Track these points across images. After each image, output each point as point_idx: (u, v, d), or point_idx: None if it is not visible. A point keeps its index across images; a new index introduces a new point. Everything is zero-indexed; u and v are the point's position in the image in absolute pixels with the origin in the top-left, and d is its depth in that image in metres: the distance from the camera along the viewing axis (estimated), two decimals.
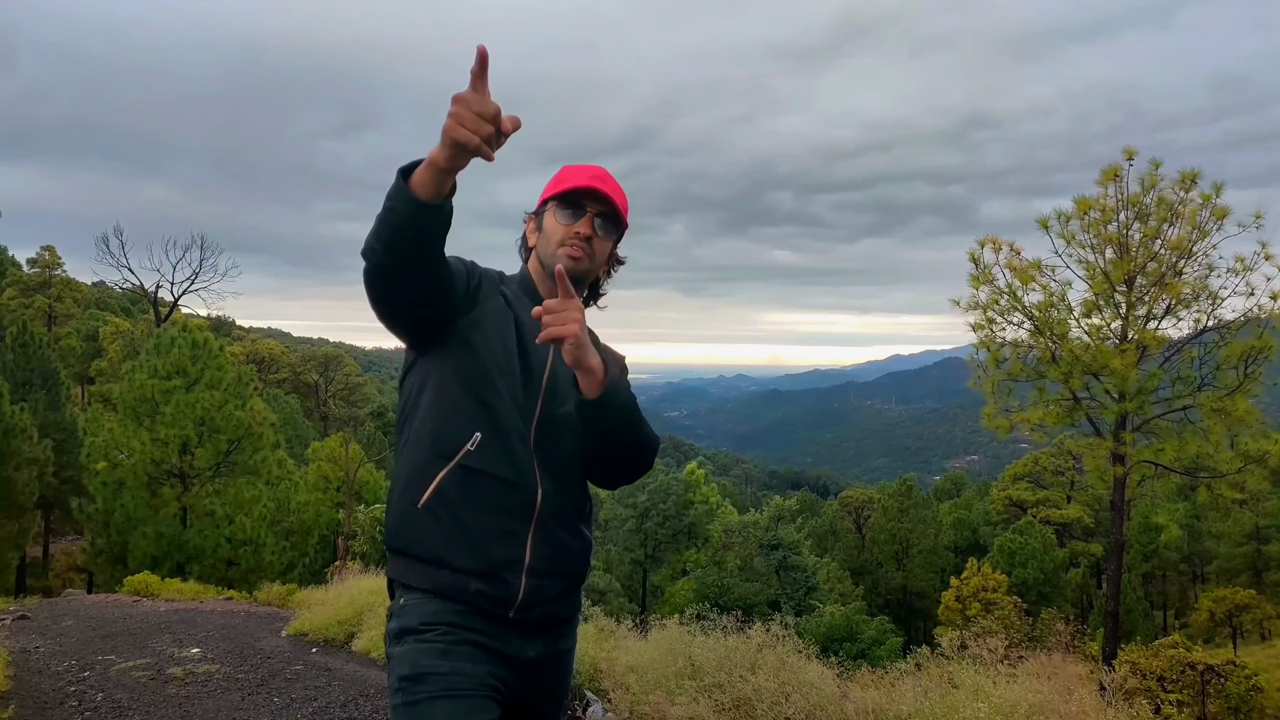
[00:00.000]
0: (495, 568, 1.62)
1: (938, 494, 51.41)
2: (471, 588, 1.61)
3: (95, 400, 35.91)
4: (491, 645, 1.62)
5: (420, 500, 1.63)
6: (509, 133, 1.35)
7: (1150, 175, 11.77)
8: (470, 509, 1.63)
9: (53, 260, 44.55)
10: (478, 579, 1.61)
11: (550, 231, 1.79)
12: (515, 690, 1.66)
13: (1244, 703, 14.20)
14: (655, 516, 34.58)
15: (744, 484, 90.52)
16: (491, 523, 1.63)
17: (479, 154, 1.34)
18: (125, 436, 16.90)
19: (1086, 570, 36.10)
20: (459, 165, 1.38)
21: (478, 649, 1.60)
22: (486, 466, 1.63)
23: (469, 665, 1.57)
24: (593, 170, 1.80)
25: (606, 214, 1.79)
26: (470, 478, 1.63)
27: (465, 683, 1.55)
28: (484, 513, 1.63)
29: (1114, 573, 12.40)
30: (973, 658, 3.97)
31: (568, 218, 1.77)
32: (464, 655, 1.57)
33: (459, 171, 1.40)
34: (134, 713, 4.55)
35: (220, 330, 53.97)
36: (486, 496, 1.63)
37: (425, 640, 1.58)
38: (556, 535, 1.70)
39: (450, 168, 1.38)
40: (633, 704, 4.23)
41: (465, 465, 1.63)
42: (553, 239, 1.78)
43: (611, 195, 1.78)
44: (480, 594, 1.61)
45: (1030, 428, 12.47)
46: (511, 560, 1.64)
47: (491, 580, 1.62)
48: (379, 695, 4.90)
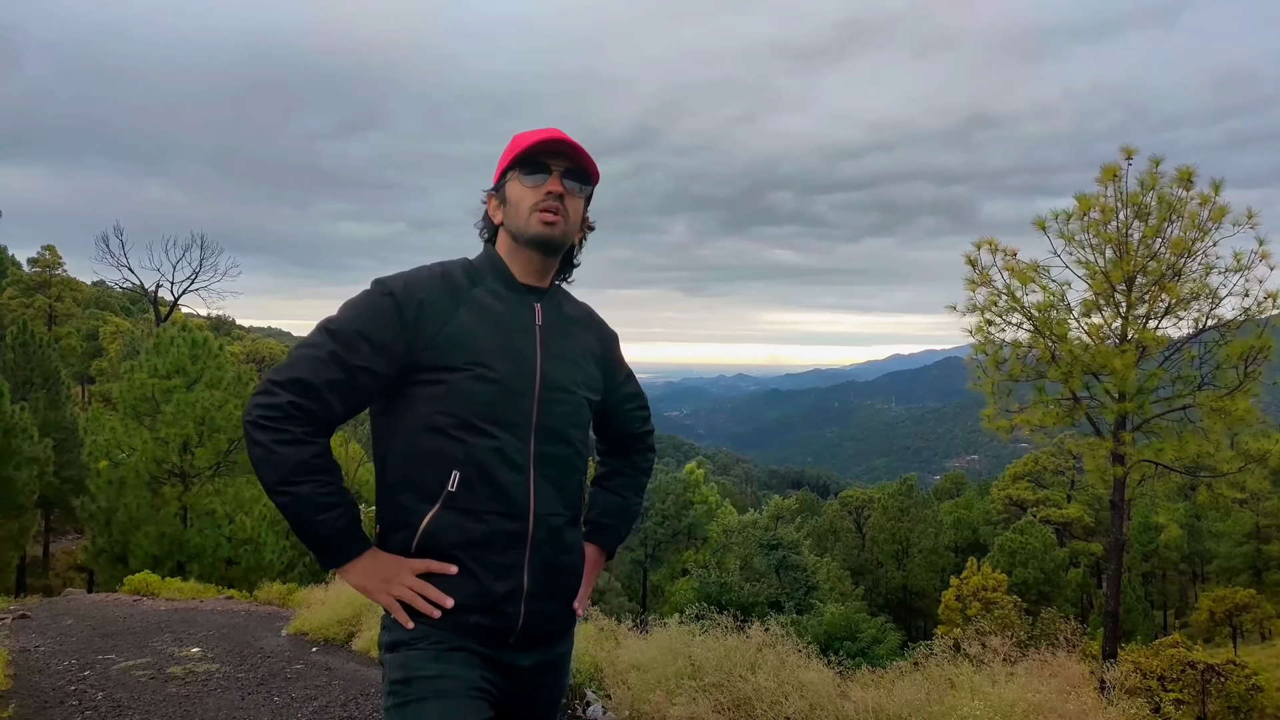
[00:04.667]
0: (495, 603, 1.60)
1: (938, 493, 51.36)
2: (471, 621, 1.59)
3: (96, 399, 35.93)
4: (484, 653, 1.61)
5: (411, 544, 1.60)
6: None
7: (1150, 174, 11.76)
8: (462, 549, 1.58)
9: (53, 260, 44.58)
10: (478, 614, 1.59)
11: (518, 199, 1.67)
12: (509, 694, 1.65)
13: (1244, 702, 14.20)
14: (654, 516, 34.61)
15: (744, 483, 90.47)
16: (486, 558, 1.59)
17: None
18: (126, 435, 16.91)
19: (1086, 570, 36.11)
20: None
21: (470, 654, 1.59)
22: (471, 504, 1.58)
23: (460, 669, 1.57)
24: (548, 129, 1.68)
25: (573, 169, 1.69)
26: (458, 517, 1.58)
27: (455, 685, 1.54)
28: (477, 550, 1.59)
29: (1114, 572, 12.40)
30: (973, 657, 3.97)
31: (534, 180, 1.66)
32: (455, 660, 1.57)
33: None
34: (134, 712, 4.55)
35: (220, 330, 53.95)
36: (477, 533, 1.59)
37: (416, 648, 1.57)
38: (553, 557, 1.66)
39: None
40: (633, 703, 4.23)
41: (450, 506, 1.58)
42: (522, 206, 1.67)
43: (575, 146, 1.67)
44: (480, 626, 1.60)
45: (1030, 428, 12.47)
46: (511, 592, 1.61)
47: (491, 614, 1.60)
48: (379, 695, 4.88)
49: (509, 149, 1.71)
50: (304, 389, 1.54)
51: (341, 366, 1.56)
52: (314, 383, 1.54)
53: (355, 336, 1.57)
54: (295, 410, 1.53)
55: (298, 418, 1.53)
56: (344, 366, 1.56)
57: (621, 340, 1.95)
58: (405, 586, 1.58)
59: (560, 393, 1.68)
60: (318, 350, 1.57)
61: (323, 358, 1.56)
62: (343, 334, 1.57)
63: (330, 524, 1.55)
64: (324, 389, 1.55)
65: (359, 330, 1.57)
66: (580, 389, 1.74)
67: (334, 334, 1.58)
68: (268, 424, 1.52)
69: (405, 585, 1.58)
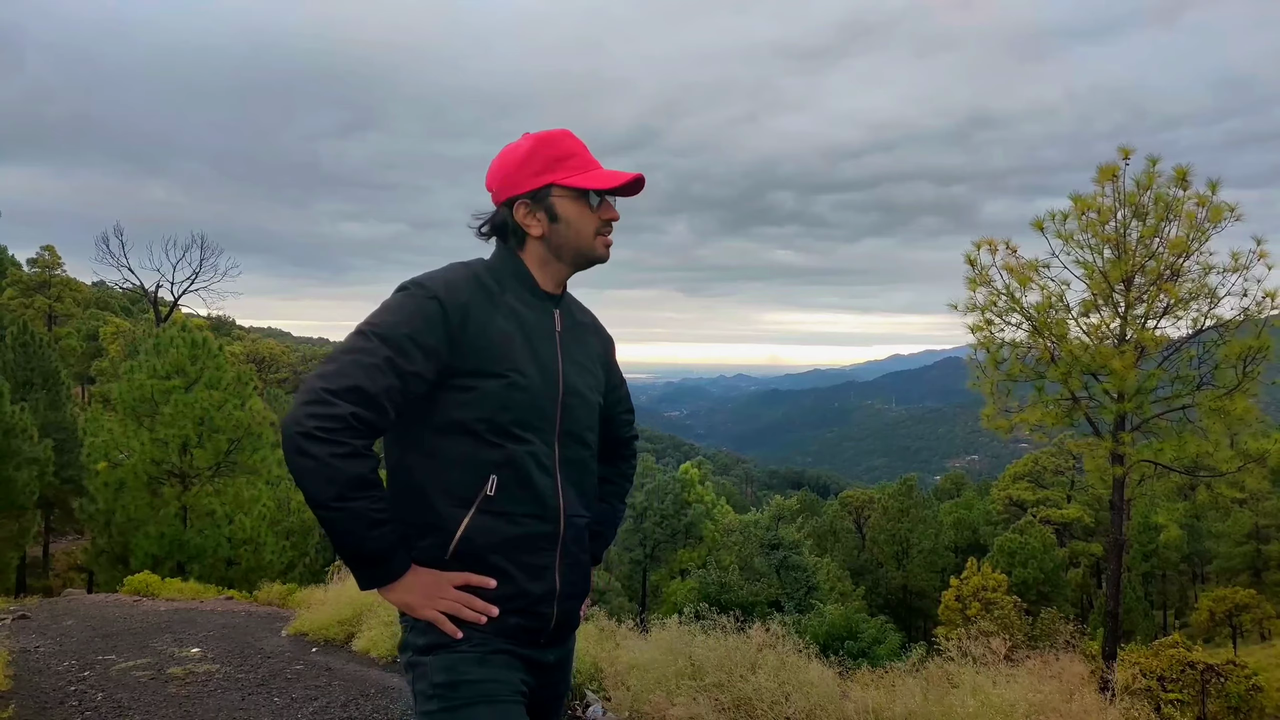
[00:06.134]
0: (532, 604, 1.63)
1: (938, 494, 51.39)
2: (512, 623, 1.62)
3: (96, 400, 35.91)
4: (522, 653, 1.64)
5: (447, 551, 1.59)
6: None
7: (1147, 174, 11.76)
8: (499, 552, 1.60)
9: (53, 260, 44.58)
10: (517, 615, 1.62)
11: (583, 221, 1.67)
12: (534, 691, 1.69)
13: (1244, 702, 14.21)
14: (653, 516, 34.63)
15: (744, 484, 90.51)
16: (524, 560, 1.62)
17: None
18: (125, 436, 16.91)
19: (1086, 570, 36.13)
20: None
21: (510, 656, 1.62)
22: (508, 507, 1.59)
23: (504, 672, 1.59)
24: (631, 174, 1.69)
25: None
26: (494, 520, 1.59)
27: (502, 689, 1.57)
28: (514, 552, 1.61)
29: (1114, 572, 12.40)
30: (973, 657, 3.97)
31: (602, 206, 1.69)
32: (498, 663, 1.59)
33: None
34: (134, 712, 4.55)
35: (220, 330, 53.98)
36: (513, 536, 1.60)
37: (458, 650, 1.58)
38: (577, 557, 1.72)
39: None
40: (633, 703, 4.23)
41: (486, 510, 1.58)
42: (588, 229, 1.67)
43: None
44: (520, 627, 1.63)
45: (1030, 428, 12.47)
46: (547, 593, 1.65)
47: (530, 615, 1.64)
48: (379, 695, 4.90)
49: (556, 154, 1.66)
50: (364, 399, 1.46)
51: (397, 373, 1.49)
52: (373, 391, 1.47)
53: (407, 341, 1.51)
54: (356, 422, 1.45)
55: (358, 430, 1.46)
56: (399, 373, 1.50)
57: (622, 340, 2.00)
58: (450, 600, 1.58)
59: (578, 397, 1.71)
60: (371, 356, 1.49)
61: (379, 364, 1.48)
62: (394, 339, 1.50)
63: (382, 540, 1.50)
64: (383, 397, 1.48)
65: (409, 335, 1.51)
66: (593, 393, 1.78)
67: (385, 339, 1.50)
68: (324, 436, 1.43)
69: (450, 599, 1.58)
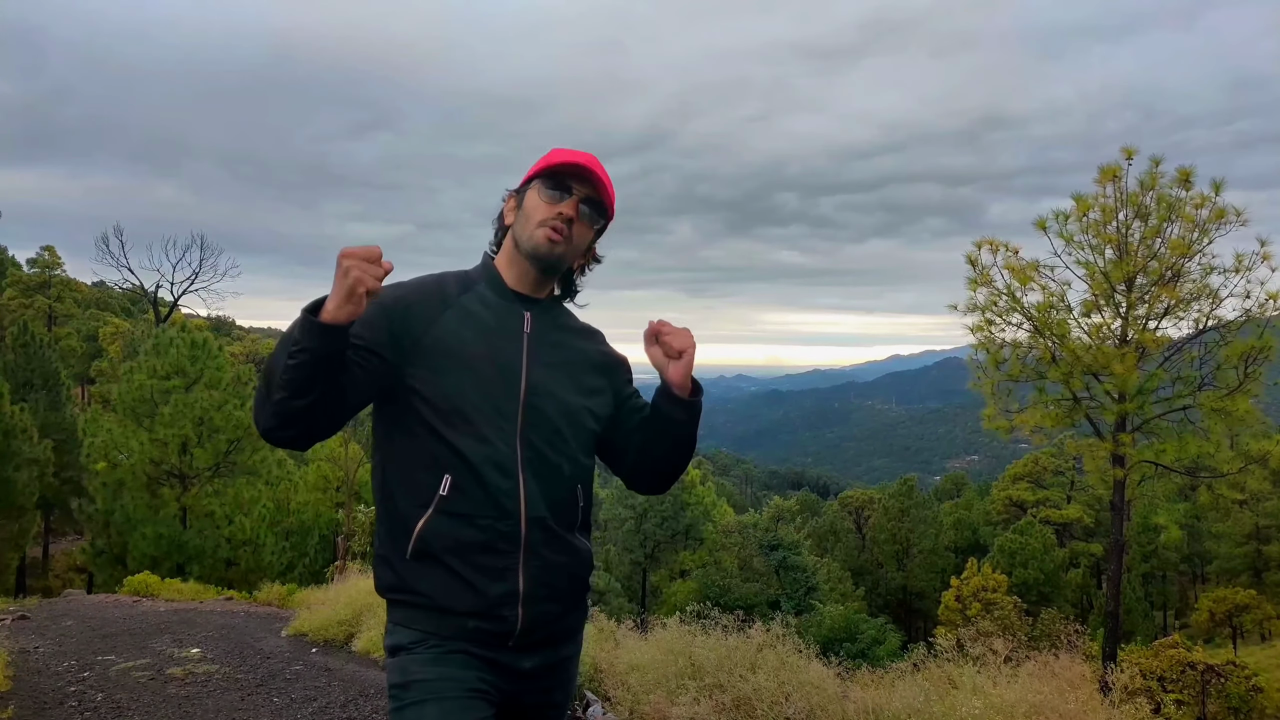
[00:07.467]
0: (491, 606, 1.61)
1: (938, 494, 51.38)
2: (470, 626, 1.61)
3: (95, 400, 35.92)
4: (483, 655, 1.62)
5: (406, 551, 1.61)
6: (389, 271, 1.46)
7: (1150, 174, 11.75)
8: (455, 553, 1.59)
9: (53, 260, 44.59)
10: (475, 618, 1.61)
11: (531, 210, 1.70)
12: (511, 696, 1.66)
13: (1244, 703, 14.19)
14: (653, 517, 34.60)
15: (744, 484, 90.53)
16: (480, 561, 1.60)
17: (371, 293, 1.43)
18: (124, 437, 16.91)
19: (1086, 570, 36.10)
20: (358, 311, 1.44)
21: (468, 657, 1.60)
22: (464, 508, 1.59)
23: (458, 671, 1.58)
24: (585, 154, 1.72)
25: (593, 199, 1.72)
26: (450, 521, 1.59)
27: (452, 687, 1.56)
28: (470, 553, 1.60)
29: (1114, 573, 12.40)
30: (974, 657, 3.97)
31: (553, 197, 1.68)
32: (453, 663, 1.58)
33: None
34: (134, 713, 4.55)
35: (220, 330, 53.99)
36: (470, 537, 1.60)
37: (415, 652, 1.59)
38: (548, 558, 1.66)
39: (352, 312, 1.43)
40: (633, 704, 4.22)
41: (443, 511, 1.59)
42: (533, 217, 1.69)
43: (601, 179, 1.71)
44: (479, 630, 1.61)
45: (1030, 429, 12.46)
46: (507, 595, 1.61)
47: (489, 618, 1.61)
48: (379, 695, 4.90)
49: (542, 159, 1.73)
50: None
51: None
52: None
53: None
54: None
55: None
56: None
57: (622, 341, 1.96)
58: (345, 277, 1.41)
59: (549, 399, 1.67)
60: None
61: None
62: None
63: (291, 328, 1.46)
64: None
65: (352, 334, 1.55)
66: (573, 396, 1.72)
67: None
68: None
69: (346, 276, 1.41)
